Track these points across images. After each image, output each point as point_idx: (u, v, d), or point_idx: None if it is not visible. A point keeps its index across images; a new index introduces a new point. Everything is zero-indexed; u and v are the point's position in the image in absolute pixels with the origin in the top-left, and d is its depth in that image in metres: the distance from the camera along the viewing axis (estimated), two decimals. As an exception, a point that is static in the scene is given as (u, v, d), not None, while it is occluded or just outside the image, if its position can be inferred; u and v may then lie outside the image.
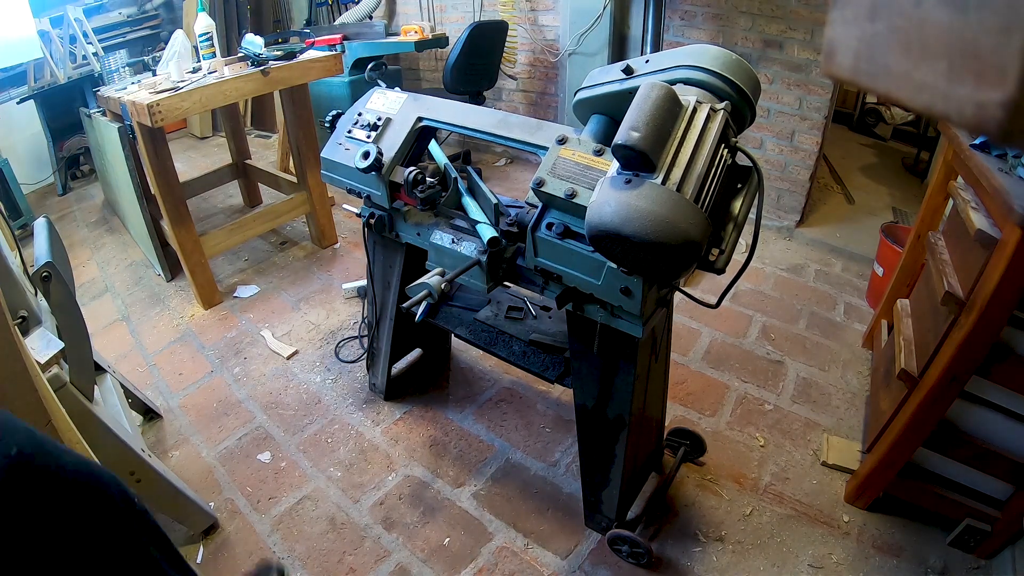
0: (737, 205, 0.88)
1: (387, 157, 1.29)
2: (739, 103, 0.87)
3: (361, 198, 1.41)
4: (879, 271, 2.15)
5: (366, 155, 1.26)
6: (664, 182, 0.77)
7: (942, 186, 1.65)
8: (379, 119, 1.36)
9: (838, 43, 0.29)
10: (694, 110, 0.82)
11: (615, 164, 0.83)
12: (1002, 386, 1.19)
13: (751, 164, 0.88)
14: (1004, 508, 1.28)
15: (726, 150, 0.84)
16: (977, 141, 1.32)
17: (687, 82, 0.88)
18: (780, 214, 2.78)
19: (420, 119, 1.32)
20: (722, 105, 0.84)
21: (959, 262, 1.30)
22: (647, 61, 0.94)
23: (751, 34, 2.52)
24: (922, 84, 0.24)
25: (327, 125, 1.44)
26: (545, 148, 1.07)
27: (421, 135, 1.34)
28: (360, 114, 1.40)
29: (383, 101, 1.40)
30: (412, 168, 1.25)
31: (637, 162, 0.78)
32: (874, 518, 1.43)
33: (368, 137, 1.35)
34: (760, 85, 0.91)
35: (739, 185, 0.90)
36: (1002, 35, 0.20)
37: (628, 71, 0.94)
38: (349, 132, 1.39)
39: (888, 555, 1.35)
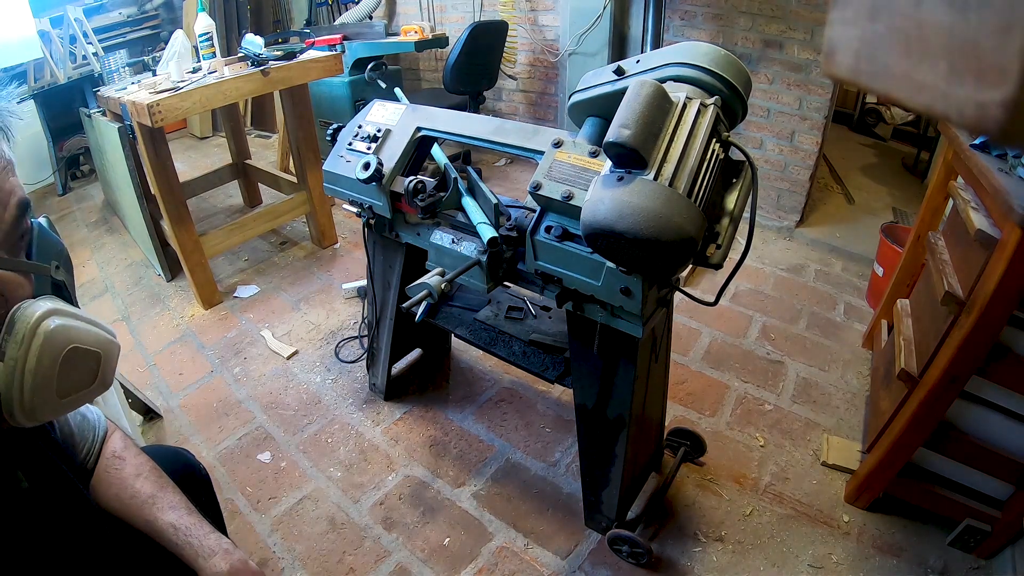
0: (732, 199, 0.88)
1: (387, 167, 1.30)
2: (729, 98, 0.87)
3: (364, 208, 1.42)
4: (879, 271, 2.15)
5: (367, 166, 1.27)
6: (656, 178, 0.77)
7: (942, 186, 1.65)
8: (379, 131, 1.37)
9: (838, 43, 0.29)
10: (684, 106, 0.82)
11: (608, 163, 0.83)
12: (1002, 386, 1.19)
13: (744, 158, 0.88)
14: (1004, 508, 1.28)
15: (718, 145, 0.84)
16: (977, 141, 1.32)
17: (677, 79, 0.88)
18: (780, 214, 2.78)
19: (419, 129, 1.33)
20: (712, 100, 0.84)
21: (959, 262, 1.30)
22: (638, 61, 0.94)
23: (751, 34, 2.52)
24: (922, 84, 0.24)
25: (328, 139, 1.45)
26: (541, 152, 1.07)
27: (421, 145, 1.35)
28: (360, 126, 1.41)
29: (383, 113, 1.41)
30: (412, 177, 1.25)
31: (629, 159, 0.78)
32: (874, 518, 1.43)
33: (368, 149, 1.36)
34: (751, 80, 0.91)
35: (734, 180, 0.90)
36: (1002, 35, 0.20)
37: (620, 72, 0.95)
38: (350, 144, 1.40)
39: (888, 555, 1.35)
